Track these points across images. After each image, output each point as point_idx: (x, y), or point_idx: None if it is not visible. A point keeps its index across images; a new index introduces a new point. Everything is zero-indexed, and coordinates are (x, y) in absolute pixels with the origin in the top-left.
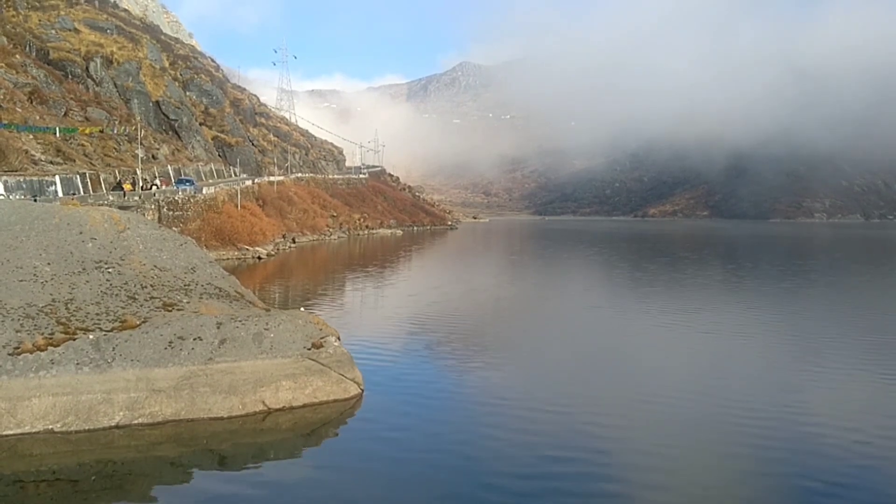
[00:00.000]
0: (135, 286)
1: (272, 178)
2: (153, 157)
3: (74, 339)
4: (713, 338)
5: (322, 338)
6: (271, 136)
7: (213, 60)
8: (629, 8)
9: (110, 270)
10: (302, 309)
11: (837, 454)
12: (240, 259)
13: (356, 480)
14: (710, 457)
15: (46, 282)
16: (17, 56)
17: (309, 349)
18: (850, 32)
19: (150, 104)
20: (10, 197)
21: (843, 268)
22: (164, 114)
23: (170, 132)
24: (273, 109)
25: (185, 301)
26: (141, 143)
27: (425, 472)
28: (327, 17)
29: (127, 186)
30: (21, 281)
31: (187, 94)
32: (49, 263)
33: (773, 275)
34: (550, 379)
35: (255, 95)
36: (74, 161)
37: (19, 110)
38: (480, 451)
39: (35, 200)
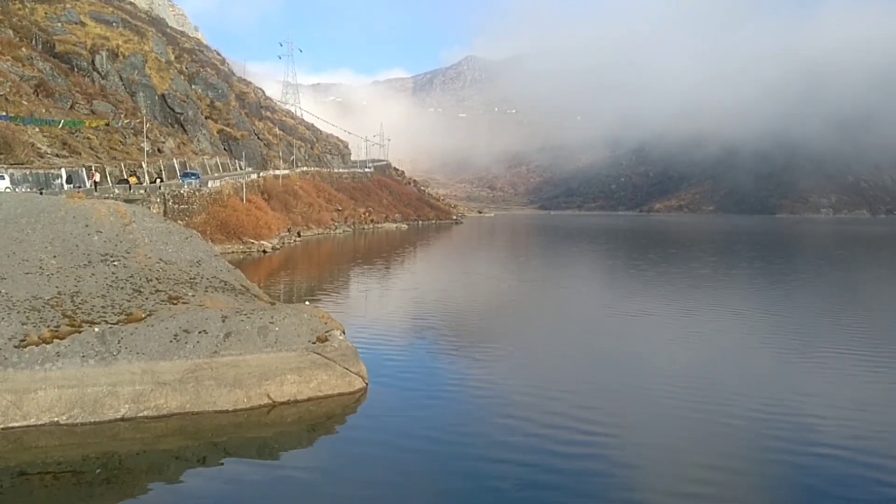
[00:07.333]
0: (140, 279)
1: (277, 172)
2: (159, 150)
3: (80, 332)
4: (716, 336)
5: (327, 331)
6: (276, 129)
7: (218, 54)
8: (633, 4)
9: (116, 263)
10: (307, 303)
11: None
12: (245, 253)
13: (360, 474)
14: (713, 454)
15: (52, 275)
16: (24, 49)
17: (314, 343)
18: (853, 28)
19: (156, 97)
20: (17, 190)
21: (848, 265)
22: (169, 107)
23: (175, 125)
24: (278, 103)
25: (190, 294)
26: (146, 137)
27: (430, 465)
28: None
29: (132, 180)
30: (27, 274)
31: (193, 87)
32: (55, 256)
33: (773, 272)
34: (556, 373)
35: (261, 89)
36: (80, 154)
37: (25, 103)
38: (485, 446)
39: (41, 193)
